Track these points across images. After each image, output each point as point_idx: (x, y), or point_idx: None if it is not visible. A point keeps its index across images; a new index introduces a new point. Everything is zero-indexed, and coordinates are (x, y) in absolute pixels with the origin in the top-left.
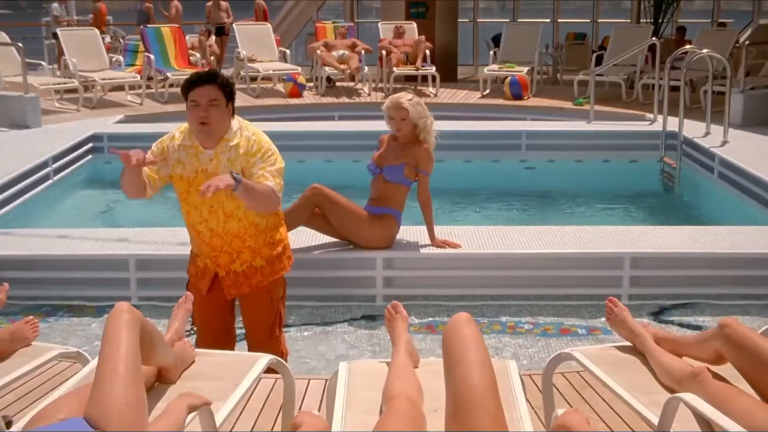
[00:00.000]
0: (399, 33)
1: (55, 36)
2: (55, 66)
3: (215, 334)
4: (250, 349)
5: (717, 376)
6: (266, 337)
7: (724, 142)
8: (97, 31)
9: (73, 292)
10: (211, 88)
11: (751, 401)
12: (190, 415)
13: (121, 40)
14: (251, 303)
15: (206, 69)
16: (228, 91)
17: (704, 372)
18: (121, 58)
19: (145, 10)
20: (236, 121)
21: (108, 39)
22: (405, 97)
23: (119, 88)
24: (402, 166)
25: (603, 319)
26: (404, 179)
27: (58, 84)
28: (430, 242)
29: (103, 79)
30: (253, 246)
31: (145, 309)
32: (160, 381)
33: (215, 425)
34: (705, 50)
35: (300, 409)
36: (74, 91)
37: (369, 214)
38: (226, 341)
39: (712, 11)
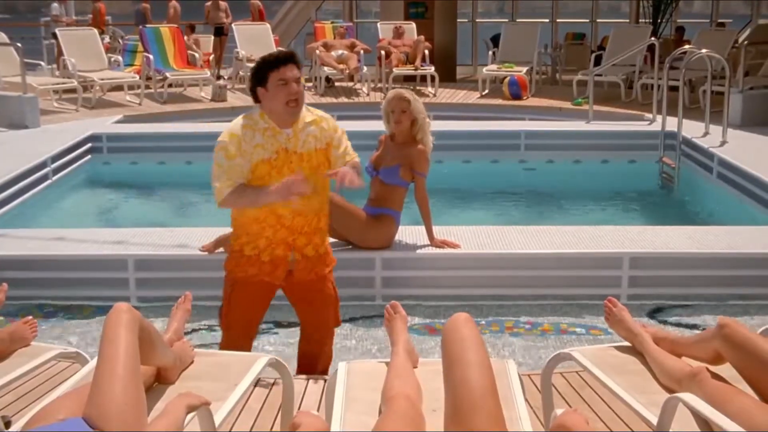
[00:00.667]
0: (399, 33)
1: (54, 36)
2: (54, 66)
3: (248, 329)
4: (313, 343)
5: (716, 376)
6: (332, 328)
7: (723, 142)
8: (95, 31)
9: (72, 293)
10: (295, 67)
11: (750, 401)
12: (189, 416)
13: (120, 40)
14: (317, 293)
15: (206, 68)
16: (300, 71)
17: (703, 372)
18: (119, 58)
19: (142, 10)
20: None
21: (107, 39)
22: (405, 91)
23: (118, 88)
24: (397, 168)
25: (602, 318)
26: (400, 180)
27: (57, 84)
28: (429, 242)
29: (102, 79)
30: (323, 228)
31: (143, 309)
32: (159, 381)
33: (214, 425)
34: (704, 50)
35: (299, 409)
36: (73, 91)
37: (367, 215)
38: (252, 337)
39: (711, 12)
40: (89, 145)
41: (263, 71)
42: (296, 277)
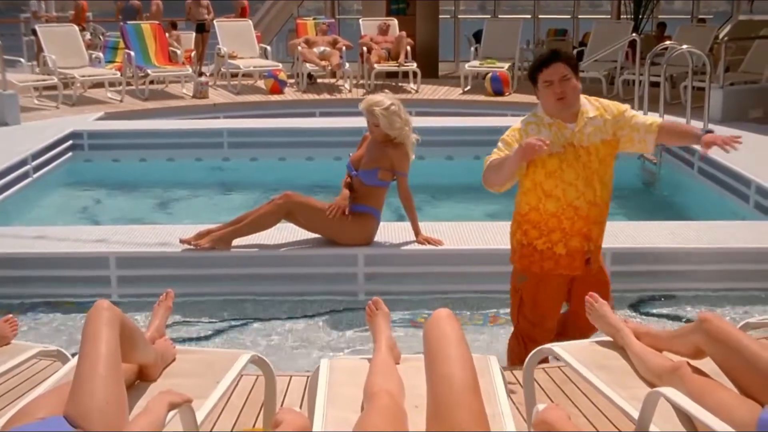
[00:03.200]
0: (383, 30)
1: (34, 32)
2: (34, 63)
3: (544, 321)
4: (578, 334)
5: (697, 371)
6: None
7: None
8: (76, 27)
9: (53, 290)
10: (560, 65)
11: (730, 395)
12: (171, 413)
13: (101, 37)
14: (600, 282)
15: (187, 64)
16: (574, 65)
17: (684, 366)
18: (100, 54)
19: (135, 7)
20: (583, 97)
21: (87, 36)
22: (381, 104)
23: (99, 85)
24: (376, 171)
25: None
26: (380, 182)
27: (37, 81)
28: (414, 238)
29: (83, 76)
30: (605, 220)
31: (125, 306)
32: (140, 379)
33: (196, 423)
34: (685, 46)
35: (281, 406)
36: (53, 88)
37: (346, 212)
38: (550, 330)
39: (691, 8)
40: (70, 142)
41: (532, 75)
42: (593, 266)
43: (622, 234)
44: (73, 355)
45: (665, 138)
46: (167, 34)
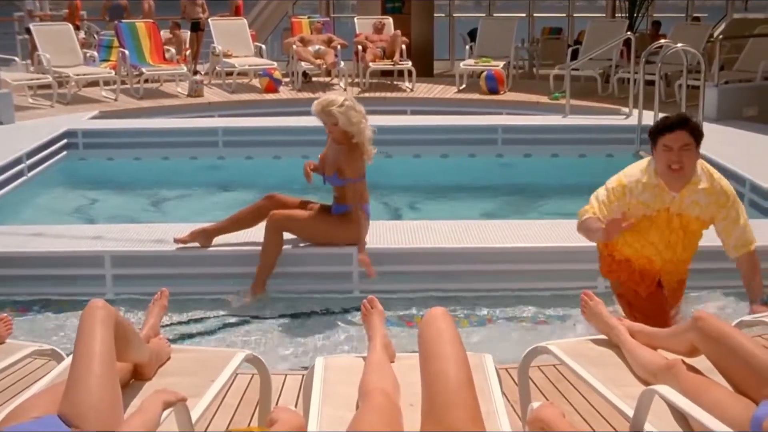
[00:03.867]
0: (378, 28)
1: (28, 31)
2: (29, 61)
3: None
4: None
5: (691, 369)
6: None
7: None
8: (70, 26)
9: (48, 290)
10: (683, 133)
11: (725, 393)
12: (166, 412)
13: (96, 36)
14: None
15: (182, 63)
16: (698, 134)
17: (678, 364)
18: (95, 53)
19: (122, 6)
20: (701, 164)
21: (82, 34)
22: (335, 103)
23: (94, 83)
24: (335, 175)
25: (579, 311)
26: (349, 180)
27: (32, 80)
28: (409, 236)
29: (77, 75)
30: (685, 271)
31: (119, 305)
32: (135, 378)
33: (191, 422)
34: (679, 44)
35: (277, 404)
36: (48, 86)
37: (335, 215)
38: None
39: (686, 6)
40: (65, 141)
41: (653, 135)
42: (667, 302)
43: None
44: (68, 354)
45: (739, 266)
46: (171, 35)
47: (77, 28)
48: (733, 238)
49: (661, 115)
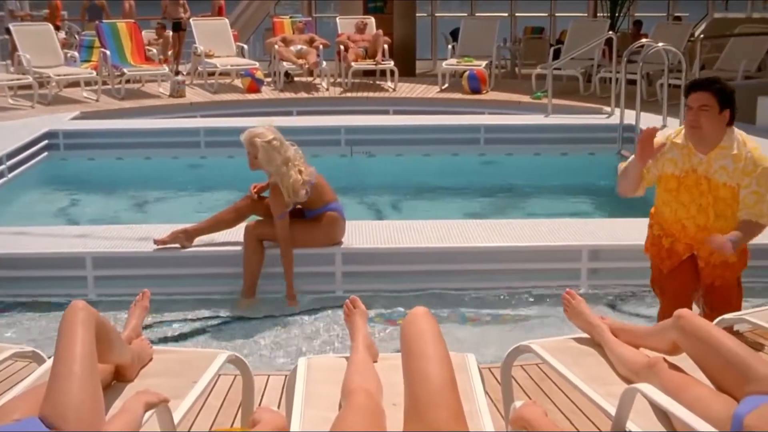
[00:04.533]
0: (360, 28)
1: (8, 31)
2: (9, 62)
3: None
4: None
5: (673, 367)
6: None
7: None
8: (51, 26)
9: (29, 291)
10: (705, 94)
11: (706, 391)
12: (148, 413)
13: (76, 36)
14: (721, 295)
15: (165, 63)
16: (723, 98)
17: (660, 362)
18: (76, 53)
19: (98, 5)
20: (738, 134)
21: (63, 35)
22: (262, 137)
23: (75, 84)
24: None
25: (561, 310)
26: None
27: (12, 80)
28: (389, 236)
29: (58, 75)
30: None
31: (101, 306)
32: (117, 379)
33: (173, 423)
34: (661, 44)
35: (260, 405)
36: (28, 87)
37: (308, 220)
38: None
39: (667, 6)
40: (46, 142)
41: (686, 93)
42: (702, 280)
43: (599, 231)
44: (49, 356)
45: (738, 227)
46: (157, 36)
47: (58, 28)
48: (754, 207)
49: (643, 114)
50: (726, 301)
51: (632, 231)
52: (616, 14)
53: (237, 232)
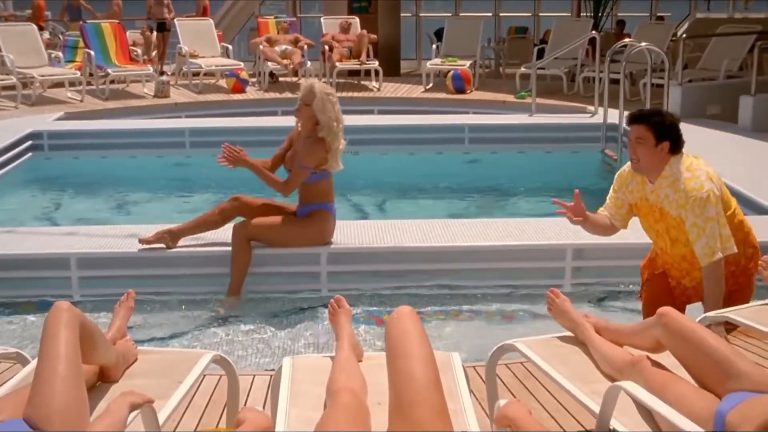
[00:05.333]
0: (345, 28)
1: None
2: None
3: None
4: None
5: (656, 364)
6: None
7: None
8: (34, 26)
9: (13, 292)
10: (640, 127)
11: (689, 388)
12: (132, 414)
13: (60, 36)
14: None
15: (149, 64)
16: (659, 131)
17: (644, 360)
18: (60, 54)
19: (75, 5)
20: (683, 162)
21: (46, 35)
22: (324, 89)
23: (59, 84)
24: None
25: (546, 309)
26: (314, 176)
27: None
28: (374, 235)
29: (42, 76)
30: (686, 270)
31: (86, 307)
32: (101, 380)
33: (158, 423)
34: (644, 43)
35: (245, 405)
36: (12, 87)
37: (300, 218)
38: None
39: (650, 6)
40: (30, 143)
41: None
42: (676, 299)
43: (583, 230)
44: (33, 357)
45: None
46: (142, 37)
47: (41, 28)
48: (698, 246)
49: (626, 113)
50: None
51: None
52: (600, 14)
53: (221, 233)
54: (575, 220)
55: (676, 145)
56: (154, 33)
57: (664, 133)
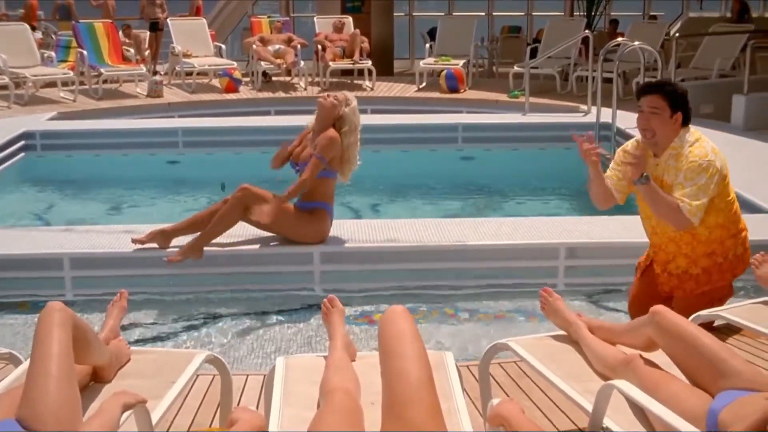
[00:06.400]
0: (338, 28)
1: None
2: None
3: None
4: None
5: (649, 363)
6: None
7: None
8: (27, 26)
9: (5, 292)
10: (655, 97)
11: (682, 386)
12: (125, 414)
13: (53, 36)
14: (682, 305)
15: (142, 64)
16: (674, 100)
17: (636, 359)
18: (53, 53)
19: (66, 5)
20: (692, 134)
21: (39, 34)
22: (353, 100)
23: (51, 84)
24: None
25: (539, 308)
26: (324, 172)
27: None
28: (368, 235)
29: (35, 76)
30: (689, 254)
31: (79, 307)
32: (95, 380)
33: (151, 423)
34: (637, 42)
35: (238, 404)
36: (4, 87)
37: (299, 210)
38: None
39: (643, 5)
40: (22, 142)
41: (637, 97)
42: (659, 287)
43: (575, 229)
44: (26, 357)
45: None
46: (126, 37)
47: (34, 28)
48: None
49: (619, 112)
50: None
51: (609, 229)
52: (593, 13)
53: None
54: (589, 148)
55: (688, 118)
56: (147, 32)
57: (678, 104)
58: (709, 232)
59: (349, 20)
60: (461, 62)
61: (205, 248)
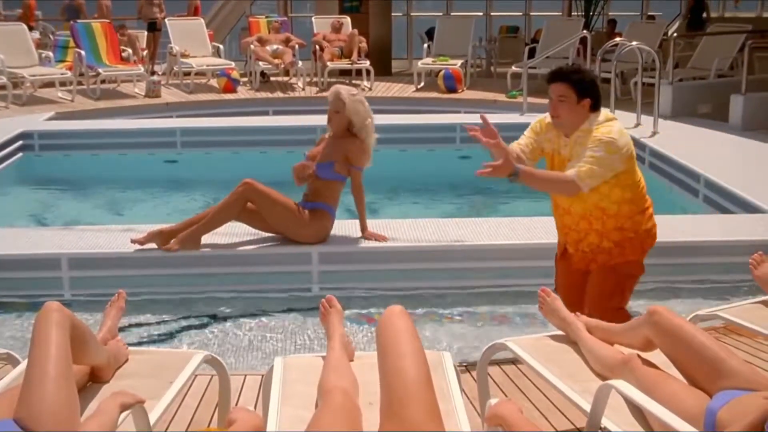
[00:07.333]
0: (336, 28)
1: None
2: None
3: (566, 299)
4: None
5: (647, 363)
6: (601, 310)
7: (654, 133)
8: (25, 26)
9: (3, 292)
10: (562, 85)
11: (680, 386)
12: (124, 414)
13: (51, 36)
14: (596, 277)
15: (140, 64)
16: (581, 88)
17: (634, 359)
18: (50, 54)
19: (76, 6)
20: (603, 116)
21: (37, 35)
22: (349, 91)
23: (49, 84)
24: (332, 164)
25: (537, 308)
26: (335, 175)
27: None
28: (361, 233)
29: (33, 76)
30: (600, 230)
31: (77, 307)
32: (92, 380)
33: (149, 424)
34: (634, 43)
35: (237, 404)
36: (2, 87)
37: (302, 209)
38: (577, 305)
39: (641, 5)
40: (20, 142)
41: (547, 83)
42: (573, 265)
43: None
44: (24, 358)
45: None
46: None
47: (32, 28)
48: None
49: (617, 112)
50: (599, 288)
51: None
52: (591, 13)
53: (210, 235)
54: (486, 141)
55: (597, 103)
56: (144, 32)
57: (586, 91)
58: (618, 207)
59: (347, 20)
60: (459, 62)
61: (202, 249)
